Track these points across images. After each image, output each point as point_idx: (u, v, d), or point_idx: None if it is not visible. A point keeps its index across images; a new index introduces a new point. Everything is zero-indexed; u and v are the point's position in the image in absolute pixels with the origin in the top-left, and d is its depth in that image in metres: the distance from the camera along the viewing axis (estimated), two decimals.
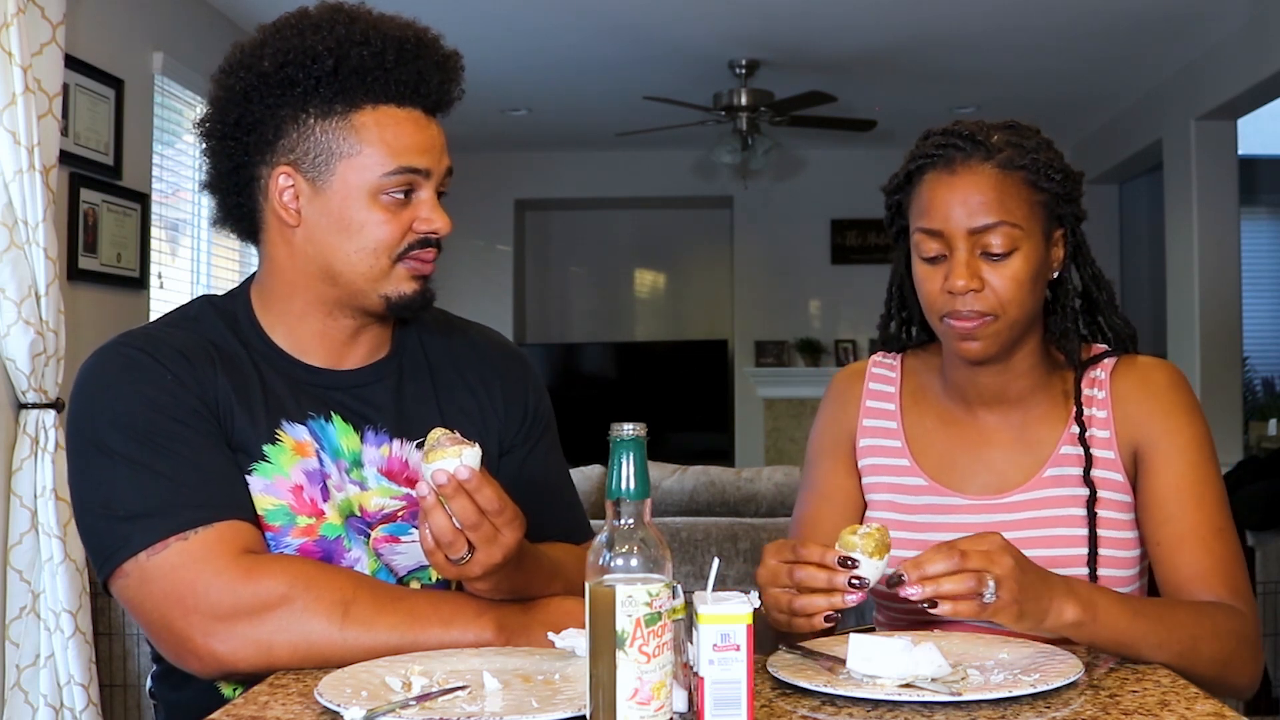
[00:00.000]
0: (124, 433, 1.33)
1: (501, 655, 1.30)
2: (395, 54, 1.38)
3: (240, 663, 1.29)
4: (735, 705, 1.01)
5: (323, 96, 1.37)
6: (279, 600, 1.29)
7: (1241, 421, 5.99)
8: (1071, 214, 1.50)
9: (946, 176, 1.44)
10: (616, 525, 1.00)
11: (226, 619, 1.29)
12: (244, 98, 1.39)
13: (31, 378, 3.07)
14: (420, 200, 1.41)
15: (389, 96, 1.39)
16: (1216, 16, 5.15)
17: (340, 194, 1.39)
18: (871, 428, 1.61)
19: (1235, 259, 5.84)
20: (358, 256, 1.40)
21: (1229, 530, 1.45)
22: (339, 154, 1.38)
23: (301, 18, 1.41)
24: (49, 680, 3.08)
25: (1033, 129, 1.49)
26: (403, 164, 1.38)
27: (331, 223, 1.40)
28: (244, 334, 1.46)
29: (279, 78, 1.37)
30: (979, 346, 1.45)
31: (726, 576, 3.44)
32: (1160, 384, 1.50)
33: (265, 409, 1.41)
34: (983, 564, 1.22)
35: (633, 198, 8.30)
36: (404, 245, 1.40)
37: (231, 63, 1.41)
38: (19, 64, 2.97)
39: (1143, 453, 1.48)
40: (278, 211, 1.42)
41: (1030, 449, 1.53)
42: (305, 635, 1.29)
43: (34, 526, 3.08)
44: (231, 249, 5.20)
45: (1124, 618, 1.30)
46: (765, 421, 8.11)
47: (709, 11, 5.16)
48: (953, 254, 1.43)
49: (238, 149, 1.42)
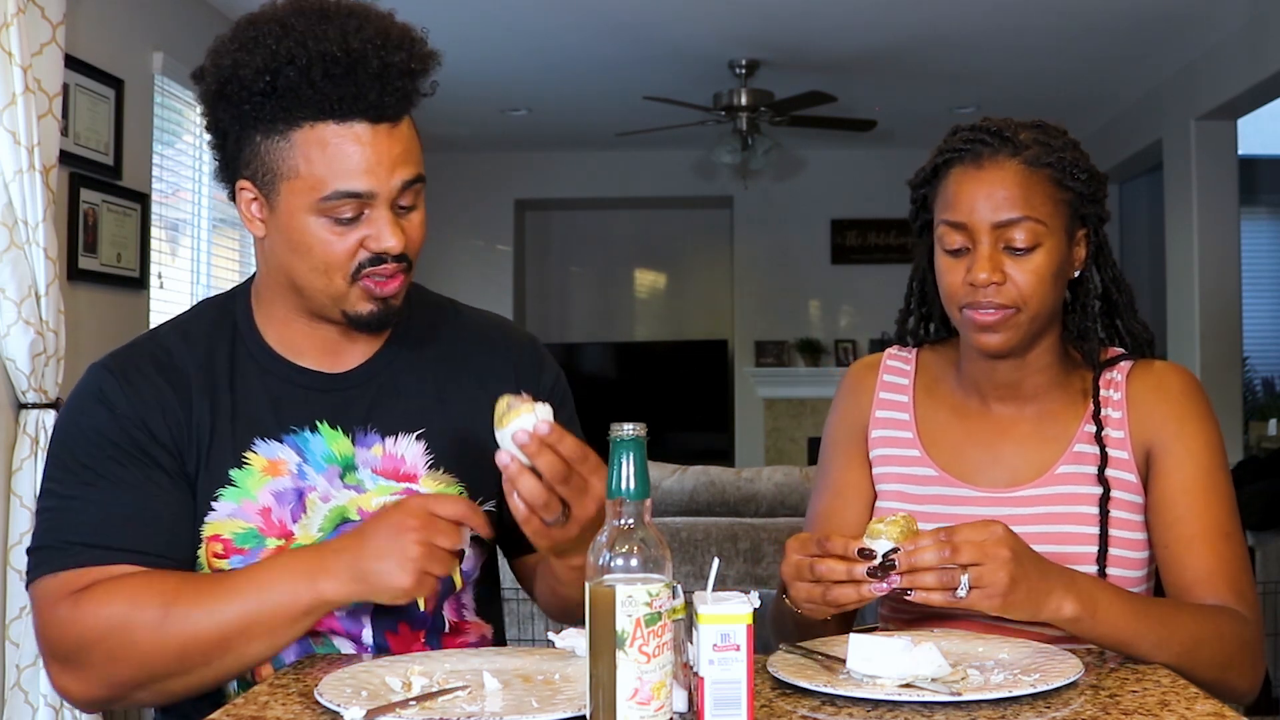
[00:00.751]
0: (61, 462, 1.38)
1: (502, 655, 1.30)
2: (321, 71, 1.30)
3: (96, 696, 1.33)
4: (735, 705, 1.01)
5: (265, 115, 1.33)
6: (104, 627, 1.29)
7: (1241, 421, 5.99)
8: (1095, 214, 1.51)
9: (973, 170, 1.45)
10: (616, 525, 1.00)
11: (65, 660, 1.32)
12: (211, 105, 1.38)
13: (31, 378, 3.07)
14: (371, 218, 1.34)
15: (323, 113, 1.31)
16: (1216, 16, 5.15)
17: (287, 213, 1.35)
18: (884, 419, 1.61)
19: (1235, 259, 5.84)
20: (312, 275, 1.37)
21: (1237, 535, 1.45)
22: (281, 173, 1.34)
23: (245, 28, 1.36)
24: (49, 680, 3.08)
25: (1060, 129, 1.50)
26: (339, 188, 1.31)
27: (285, 240, 1.37)
28: (240, 336, 1.46)
29: (223, 95, 1.34)
30: (999, 339, 1.46)
31: (726, 576, 3.44)
32: (1176, 389, 1.51)
33: (234, 432, 1.41)
34: (974, 556, 1.22)
35: (633, 198, 8.30)
36: (355, 264, 1.35)
37: (204, 66, 1.38)
38: (19, 64, 2.97)
39: (1155, 455, 1.48)
40: (246, 222, 1.41)
41: (1044, 444, 1.53)
42: (135, 650, 1.29)
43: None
44: (232, 249, 5.20)
45: (1125, 616, 1.30)
46: (765, 421, 8.10)
47: (709, 11, 5.16)
48: (976, 247, 1.44)
49: (219, 156, 1.41)
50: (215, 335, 1.46)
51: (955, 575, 1.22)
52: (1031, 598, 1.25)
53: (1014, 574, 1.23)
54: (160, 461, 1.37)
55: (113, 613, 1.29)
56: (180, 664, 1.28)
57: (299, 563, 1.30)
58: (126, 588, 1.30)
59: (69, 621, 1.30)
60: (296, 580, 1.28)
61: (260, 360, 1.45)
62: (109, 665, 1.30)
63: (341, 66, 1.30)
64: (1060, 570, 1.30)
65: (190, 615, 1.28)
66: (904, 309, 1.66)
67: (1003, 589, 1.22)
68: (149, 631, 1.28)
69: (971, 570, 1.22)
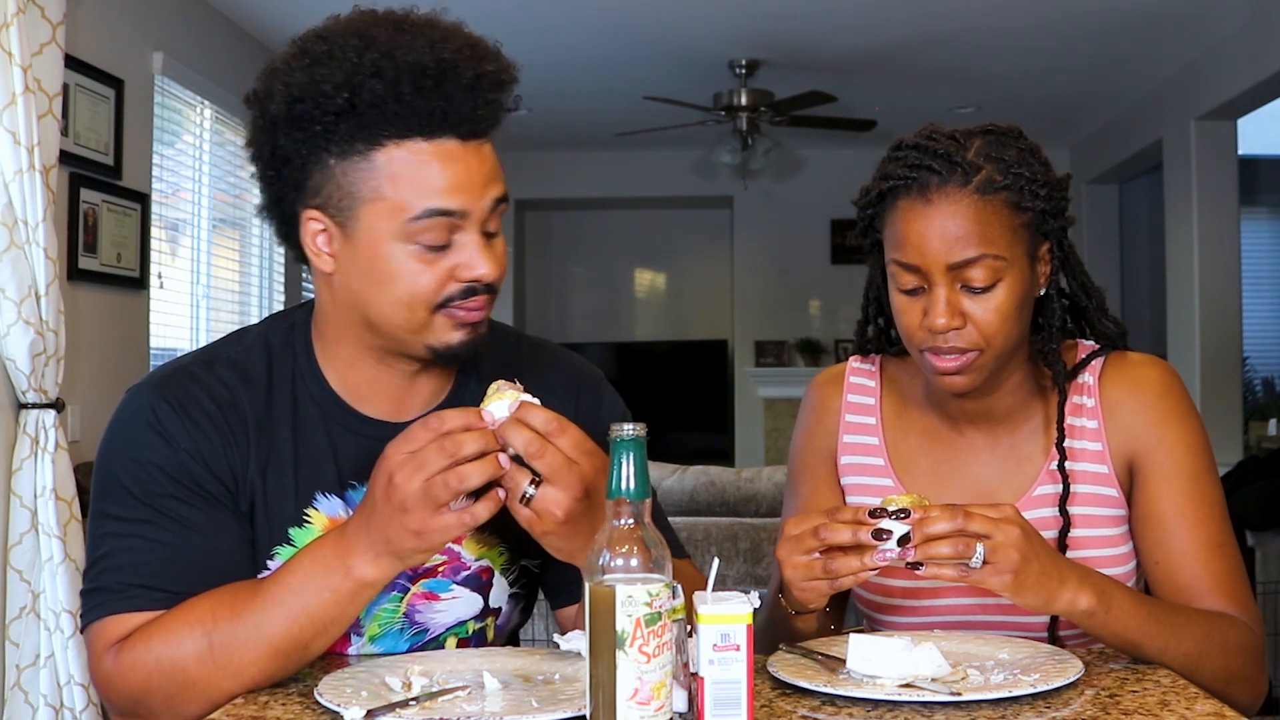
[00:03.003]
0: (115, 494, 1.29)
1: (502, 655, 1.30)
2: (412, 84, 1.20)
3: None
4: (735, 705, 1.01)
5: (341, 135, 1.22)
6: (152, 673, 1.22)
7: (1241, 421, 5.99)
8: (1058, 227, 1.41)
9: (921, 206, 1.35)
10: (616, 525, 1.00)
11: (128, 715, 1.26)
12: (270, 131, 1.26)
13: (31, 378, 3.07)
14: (461, 243, 1.24)
15: (413, 130, 1.21)
16: (1216, 16, 5.15)
17: (367, 241, 1.24)
18: (852, 444, 1.56)
19: (1235, 259, 5.84)
20: (392, 309, 1.26)
21: (1229, 544, 1.41)
22: (361, 198, 1.23)
23: (315, 43, 1.25)
24: (49, 680, 3.08)
25: (1013, 133, 1.40)
26: (429, 206, 1.22)
27: (362, 272, 1.26)
28: (301, 378, 1.36)
29: (292, 116, 1.23)
30: (964, 381, 1.38)
31: (726, 576, 3.44)
32: (1153, 389, 1.44)
33: (296, 486, 1.33)
34: (986, 529, 1.18)
35: (633, 198, 8.30)
36: (444, 296, 1.25)
37: (259, 90, 1.28)
38: (19, 64, 2.97)
39: (1138, 464, 1.43)
40: (312, 256, 1.30)
41: (1019, 467, 1.47)
42: (193, 688, 1.21)
43: (34, 526, 3.08)
44: (232, 249, 5.20)
45: (1136, 616, 1.27)
46: (765, 421, 8.11)
47: (709, 11, 5.16)
48: (932, 289, 1.35)
49: (275, 182, 1.29)
50: (275, 375, 1.35)
51: (970, 544, 1.17)
52: (1043, 581, 1.21)
53: (1024, 552, 1.19)
54: (221, 499, 1.30)
55: (158, 656, 1.21)
56: (242, 684, 1.21)
57: (326, 552, 1.22)
58: (161, 627, 1.23)
59: (116, 675, 1.23)
60: (329, 572, 1.20)
61: (323, 405, 1.36)
62: (172, 708, 1.22)
63: (432, 79, 1.21)
64: (1072, 563, 1.27)
65: (236, 636, 1.20)
66: (862, 320, 1.58)
67: (1014, 565, 1.18)
68: (199, 665, 1.20)
69: (983, 544, 1.18)
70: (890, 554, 1.19)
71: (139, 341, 4.19)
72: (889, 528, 1.19)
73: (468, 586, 1.41)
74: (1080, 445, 1.45)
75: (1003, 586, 1.20)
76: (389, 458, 1.17)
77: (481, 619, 1.43)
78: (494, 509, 1.17)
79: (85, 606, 1.28)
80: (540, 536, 1.20)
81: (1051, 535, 1.41)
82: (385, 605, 1.37)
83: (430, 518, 1.15)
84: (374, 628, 1.38)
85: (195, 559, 1.26)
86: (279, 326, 1.40)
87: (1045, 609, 1.25)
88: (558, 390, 1.44)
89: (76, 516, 3.15)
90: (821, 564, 1.22)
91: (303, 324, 1.39)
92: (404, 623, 1.39)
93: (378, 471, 1.18)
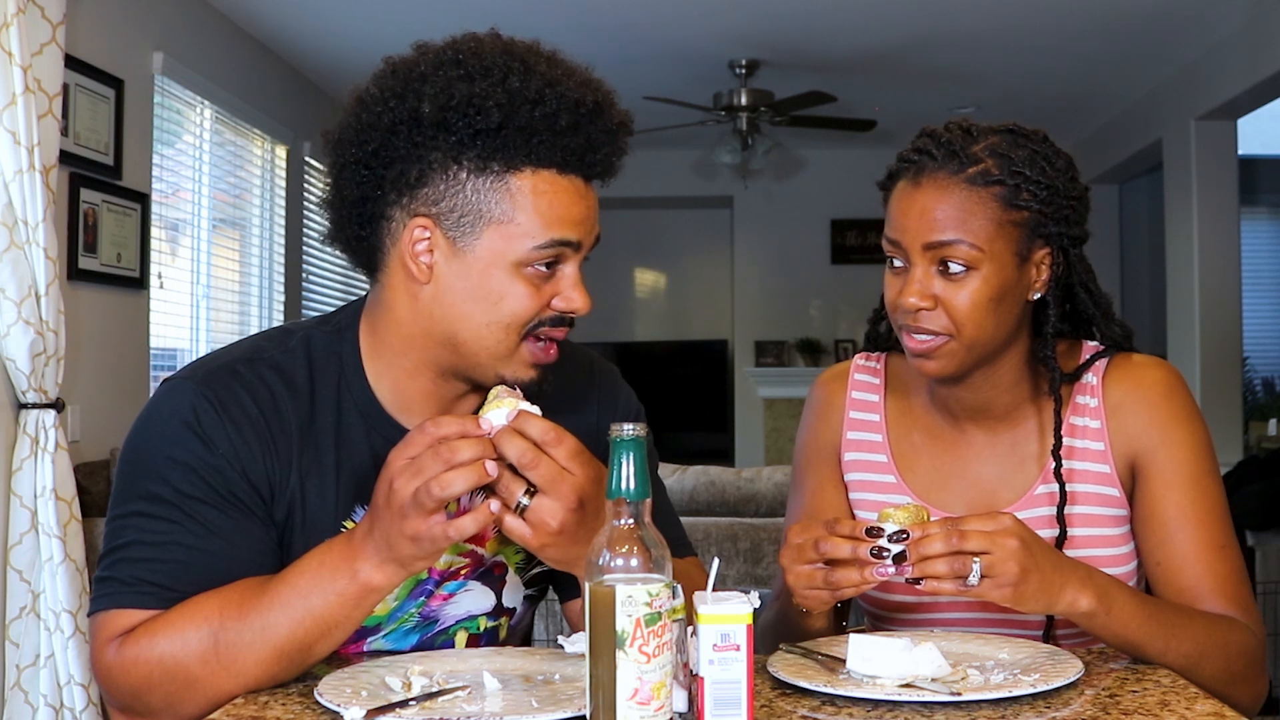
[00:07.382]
0: (143, 489, 1.27)
1: (501, 655, 1.30)
2: (569, 118, 1.24)
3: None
4: (735, 705, 1.01)
5: (480, 151, 1.24)
6: (154, 669, 1.21)
7: (1241, 421, 5.99)
8: (1062, 234, 1.40)
9: (911, 187, 1.39)
10: (616, 525, 1.00)
11: (126, 709, 1.25)
12: (390, 130, 1.26)
13: (31, 378, 3.07)
14: (564, 275, 1.29)
15: (552, 162, 1.25)
16: (1216, 16, 5.15)
17: (484, 260, 1.26)
18: (856, 440, 1.56)
19: (1235, 259, 5.84)
20: (488, 330, 1.27)
21: (1231, 546, 1.41)
22: (489, 217, 1.25)
23: (471, 55, 1.27)
24: (49, 680, 3.08)
25: (1035, 136, 1.41)
26: (556, 236, 1.25)
27: (468, 288, 1.27)
28: (346, 388, 1.35)
29: (436, 120, 1.24)
30: (934, 365, 1.40)
31: (726, 576, 3.44)
32: (1157, 391, 1.44)
33: (337, 498, 1.32)
34: (983, 545, 1.20)
35: (633, 198, 8.29)
36: (537, 321, 1.28)
37: (383, 86, 1.27)
38: (19, 64, 2.97)
39: (1140, 466, 1.43)
40: (406, 262, 1.28)
41: (1021, 466, 1.48)
42: (195, 687, 1.21)
43: (34, 526, 3.08)
44: (232, 249, 5.20)
45: (1137, 617, 1.28)
46: (765, 421, 8.11)
47: (709, 11, 5.16)
48: (910, 267, 1.38)
49: (370, 181, 1.28)
50: (317, 382, 1.34)
51: (966, 562, 1.19)
52: (1044, 589, 1.22)
53: (1024, 564, 1.20)
54: (252, 508, 1.29)
55: (161, 653, 1.21)
56: (244, 685, 1.21)
57: (334, 556, 1.21)
58: (167, 624, 1.22)
59: (117, 669, 1.23)
60: (336, 576, 1.20)
61: (367, 416, 1.35)
62: (171, 706, 1.22)
63: (586, 117, 1.26)
64: (1074, 563, 1.27)
65: (241, 637, 1.20)
66: (876, 308, 1.58)
67: (1013, 578, 1.20)
68: (203, 664, 1.20)
69: (981, 559, 1.20)
70: (889, 570, 1.21)
71: (139, 342, 4.19)
72: (886, 547, 1.21)
73: (481, 580, 1.41)
74: (1083, 445, 1.45)
75: (1003, 599, 1.22)
76: (390, 463, 1.18)
77: (495, 617, 1.43)
78: (483, 523, 1.17)
79: (95, 594, 1.28)
80: (536, 550, 1.21)
81: (1051, 535, 1.41)
82: (410, 610, 1.38)
83: (422, 524, 1.15)
84: (391, 626, 1.38)
85: (214, 564, 1.25)
86: (324, 330, 1.39)
87: (1046, 612, 1.26)
88: (576, 379, 1.45)
89: (76, 516, 3.15)
90: (823, 575, 1.24)
91: (349, 329, 1.38)
92: (416, 618, 1.39)
93: (381, 477, 1.19)
